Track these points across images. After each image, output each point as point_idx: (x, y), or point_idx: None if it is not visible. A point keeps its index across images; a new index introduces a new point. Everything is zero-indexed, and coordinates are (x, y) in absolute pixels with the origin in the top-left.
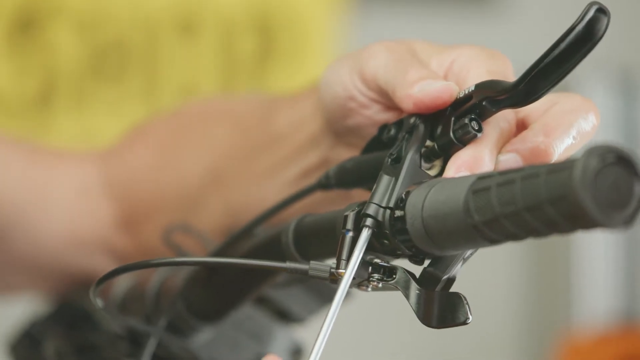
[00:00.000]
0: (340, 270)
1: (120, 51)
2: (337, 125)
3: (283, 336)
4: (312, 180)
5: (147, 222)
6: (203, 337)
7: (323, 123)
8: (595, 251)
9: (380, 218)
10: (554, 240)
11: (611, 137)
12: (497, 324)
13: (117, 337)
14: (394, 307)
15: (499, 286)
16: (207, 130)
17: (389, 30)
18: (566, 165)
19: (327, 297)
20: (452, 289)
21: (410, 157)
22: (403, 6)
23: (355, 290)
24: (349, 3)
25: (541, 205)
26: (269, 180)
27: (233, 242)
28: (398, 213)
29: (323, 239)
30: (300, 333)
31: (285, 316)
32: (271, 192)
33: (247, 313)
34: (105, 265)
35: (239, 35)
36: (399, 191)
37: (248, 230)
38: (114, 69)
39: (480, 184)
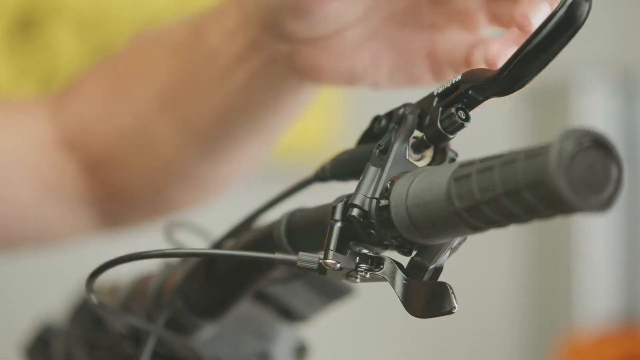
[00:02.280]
0: (328, 261)
1: None
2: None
3: (287, 334)
4: (263, 80)
5: (111, 162)
6: (205, 334)
7: (259, 27)
8: (596, 251)
9: (366, 208)
10: (555, 240)
11: (611, 137)
12: (498, 324)
13: (121, 337)
14: (393, 306)
15: (500, 286)
16: (149, 60)
17: None
18: (543, 150)
19: (330, 295)
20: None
21: (396, 147)
22: None
23: (358, 288)
24: None
25: (519, 191)
26: (217, 90)
27: (229, 236)
28: (383, 202)
29: (314, 231)
30: (304, 331)
31: (289, 314)
32: (222, 101)
33: (250, 311)
34: (86, 214)
35: None
36: (384, 181)
37: (247, 223)
38: None
39: (462, 171)
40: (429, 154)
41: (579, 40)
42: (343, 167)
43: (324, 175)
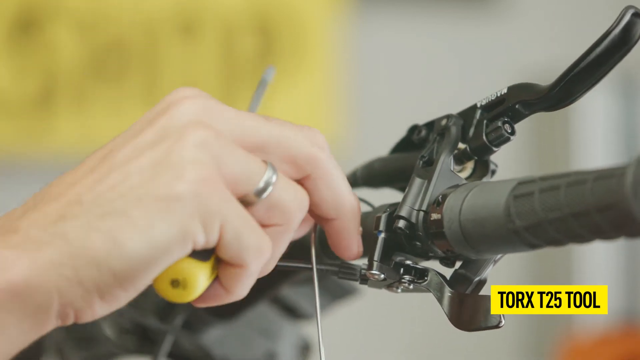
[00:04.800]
0: (372, 272)
1: (120, 51)
2: None
3: (292, 332)
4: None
5: None
6: (214, 333)
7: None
8: (596, 252)
9: (413, 220)
10: None
11: (611, 137)
12: None
13: (124, 331)
14: (394, 307)
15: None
16: None
17: (388, 30)
18: (615, 172)
19: (335, 294)
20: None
21: (442, 159)
22: (403, 6)
23: (363, 288)
24: (349, 3)
25: (588, 212)
26: None
27: None
28: (434, 216)
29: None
30: (308, 329)
31: (295, 313)
32: None
33: (257, 310)
34: None
35: (239, 35)
36: (432, 194)
37: None
38: (114, 69)
39: (522, 189)
40: (469, 165)
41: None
42: (376, 175)
43: (354, 181)
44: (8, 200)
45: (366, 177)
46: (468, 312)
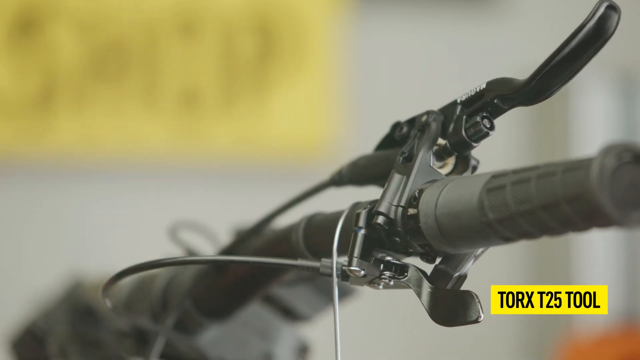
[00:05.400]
0: (352, 268)
1: (120, 51)
2: None
3: (289, 334)
4: None
5: None
6: (210, 334)
7: None
8: (596, 251)
9: (392, 216)
10: (555, 241)
11: (611, 136)
12: (498, 324)
13: (123, 335)
14: (392, 307)
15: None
16: None
17: (388, 31)
18: (582, 164)
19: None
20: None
21: (421, 155)
22: (403, 6)
23: (360, 288)
24: (349, 3)
25: (557, 204)
26: None
27: (242, 240)
28: (411, 211)
29: (334, 237)
30: (306, 331)
31: (291, 314)
32: None
33: (254, 311)
34: None
35: (239, 35)
36: (410, 189)
37: (258, 228)
38: (114, 69)
39: (495, 182)
40: (451, 161)
41: None
42: (361, 172)
43: (340, 179)
44: (8, 200)
45: (351, 174)
46: (447, 308)
